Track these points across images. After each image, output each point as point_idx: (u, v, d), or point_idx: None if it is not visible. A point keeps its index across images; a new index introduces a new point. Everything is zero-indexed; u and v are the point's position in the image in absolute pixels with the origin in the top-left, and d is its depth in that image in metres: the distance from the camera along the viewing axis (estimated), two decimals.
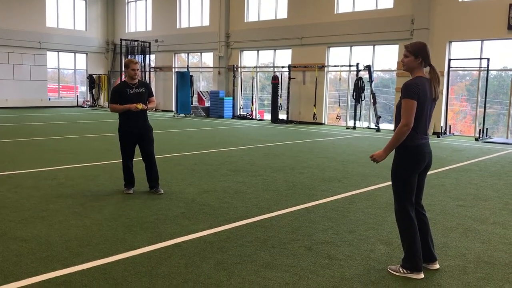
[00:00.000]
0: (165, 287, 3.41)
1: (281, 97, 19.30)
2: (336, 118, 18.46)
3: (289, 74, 19.20)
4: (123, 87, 6.23)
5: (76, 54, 26.82)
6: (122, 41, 24.14)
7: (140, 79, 6.42)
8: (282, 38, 19.57)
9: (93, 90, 26.72)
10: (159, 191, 6.31)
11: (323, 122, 18.79)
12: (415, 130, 3.66)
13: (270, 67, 21.08)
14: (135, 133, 6.26)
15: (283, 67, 19.69)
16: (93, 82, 26.59)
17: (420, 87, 3.62)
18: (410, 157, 3.69)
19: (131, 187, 6.37)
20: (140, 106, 6.12)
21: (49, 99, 25.86)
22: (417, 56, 3.71)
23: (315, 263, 3.93)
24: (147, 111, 6.42)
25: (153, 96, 6.54)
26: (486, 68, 14.57)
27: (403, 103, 3.62)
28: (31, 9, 24.41)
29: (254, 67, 21.18)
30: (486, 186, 7.32)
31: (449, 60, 15.20)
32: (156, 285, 3.44)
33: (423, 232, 3.82)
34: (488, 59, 14.47)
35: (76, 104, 26.66)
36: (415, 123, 3.62)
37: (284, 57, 20.21)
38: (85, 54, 27.08)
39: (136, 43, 24.23)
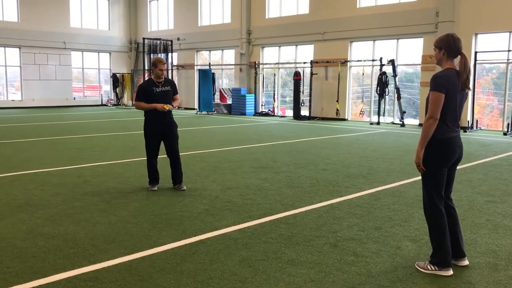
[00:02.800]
0: (190, 283, 3.41)
1: (303, 93, 19.19)
2: (360, 114, 18.25)
3: (311, 70, 19.07)
4: (149, 85, 6.26)
5: (100, 53, 27.19)
6: (145, 40, 24.37)
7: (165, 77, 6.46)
8: (303, 33, 19.44)
9: (117, 89, 27.07)
10: (182, 187, 6.34)
11: (346, 118, 18.62)
12: (445, 123, 3.58)
13: (291, 63, 20.96)
14: (160, 130, 6.30)
15: (305, 63, 19.56)
16: (116, 81, 26.93)
17: (449, 79, 3.54)
18: (440, 150, 3.61)
19: (156, 184, 6.41)
20: (167, 107, 6.15)
21: (74, 99, 26.30)
22: (440, 48, 3.65)
23: (340, 260, 3.88)
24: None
25: (177, 94, 6.58)
26: None
27: (431, 96, 3.56)
28: (55, 10, 24.84)
29: (276, 63, 21.11)
30: None
31: (475, 53, 14.86)
32: (181, 281, 3.44)
33: (452, 227, 3.73)
34: None
35: (100, 103, 27.05)
36: (444, 115, 3.55)
37: (306, 53, 20.09)
38: (108, 54, 27.43)
39: (158, 41, 24.42)
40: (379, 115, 17.06)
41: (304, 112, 19.38)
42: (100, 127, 14.70)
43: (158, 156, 6.48)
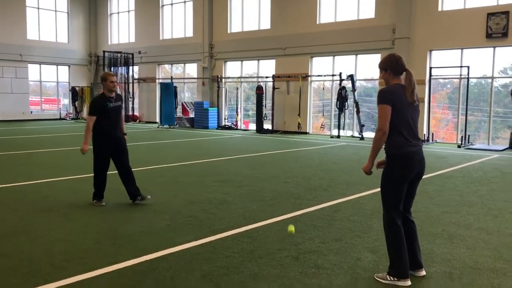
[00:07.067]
0: None
1: (265, 107, 19.35)
2: (321, 127, 18.54)
3: (273, 84, 19.27)
4: (103, 101, 6.16)
5: (59, 66, 26.58)
6: (105, 53, 24.04)
7: (117, 92, 6.41)
8: (265, 48, 19.66)
9: (76, 103, 26.47)
10: (146, 197, 6.28)
11: (307, 131, 18.87)
12: (403, 136, 3.69)
13: (254, 77, 21.14)
14: (111, 146, 6.22)
15: (267, 77, 19.76)
16: (76, 94, 26.34)
17: (394, 93, 3.71)
18: (399, 164, 3.71)
19: (103, 198, 6.31)
20: (85, 152, 6.17)
21: (31, 112, 25.52)
22: (386, 69, 3.83)
23: (302, 273, 3.92)
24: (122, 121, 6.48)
25: (122, 108, 6.62)
26: (467, 76, 14.82)
27: (378, 109, 3.70)
28: (11, 21, 24.15)
29: (238, 77, 21.23)
30: (469, 192, 7.40)
31: (430, 68, 15.44)
32: None
33: (410, 239, 3.83)
34: (468, 67, 14.72)
35: (59, 117, 26.35)
36: (400, 127, 3.67)
37: (268, 67, 20.30)
38: (67, 67, 26.85)
39: (119, 54, 24.14)
40: (339, 128, 17.39)
41: (267, 125, 19.52)
42: (59, 142, 14.33)
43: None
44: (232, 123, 21.21)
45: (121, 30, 26.44)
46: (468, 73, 14.74)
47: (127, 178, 6.31)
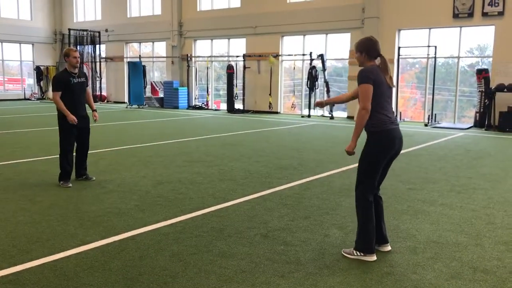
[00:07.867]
0: (119, 280, 3.34)
1: (236, 86, 19.23)
2: (291, 107, 18.60)
3: (244, 64, 19.14)
4: (66, 76, 6.14)
5: (22, 44, 25.67)
6: (71, 31, 23.34)
7: (80, 68, 6.39)
8: (236, 27, 19.45)
9: (41, 82, 25.70)
10: (92, 178, 6.42)
11: (278, 111, 18.90)
12: (386, 115, 3.75)
13: (224, 56, 20.93)
14: (79, 123, 6.18)
15: (237, 56, 19.60)
16: (40, 74, 25.54)
17: (373, 72, 3.72)
18: (381, 142, 3.75)
19: (69, 180, 6.23)
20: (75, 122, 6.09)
21: None
22: (361, 52, 3.83)
23: (271, 250, 3.96)
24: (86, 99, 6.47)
25: (88, 86, 6.58)
26: (434, 56, 15.05)
27: (359, 89, 3.70)
28: None
29: (209, 56, 20.98)
30: (434, 169, 7.58)
31: (399, 48, 15.60)
32: (110, 279, 3.36)
33: (377, 215, 3.91)
34: (435, 47, 14.94)
35: (23, 97, 25.58)
36: (381, 106, 3.72)
37: (238, 46, 20.12)
38: (31, 45, 25.96)
39: (85, 32, 23.48)
40: (309, 108, 17.48)
41: (238, 105, 19.45)
42: (23, 123, 13.93)
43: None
44: (203, 103, 21.04)
45: (87, 7, 25.65)
46: (436, 52, 14.96)
47: (83, 156, 6.43)
